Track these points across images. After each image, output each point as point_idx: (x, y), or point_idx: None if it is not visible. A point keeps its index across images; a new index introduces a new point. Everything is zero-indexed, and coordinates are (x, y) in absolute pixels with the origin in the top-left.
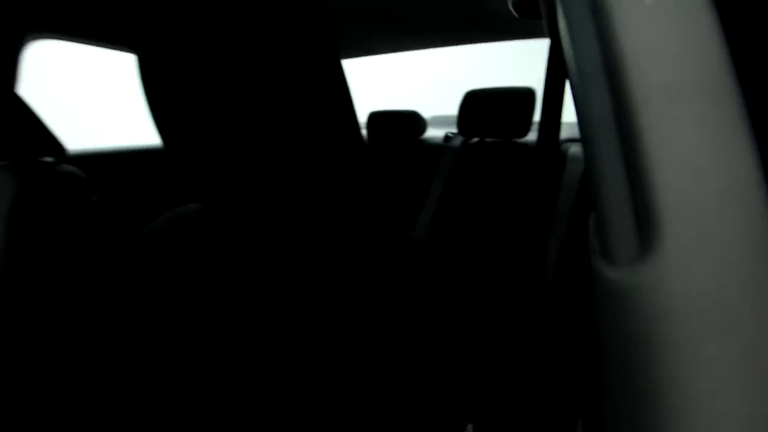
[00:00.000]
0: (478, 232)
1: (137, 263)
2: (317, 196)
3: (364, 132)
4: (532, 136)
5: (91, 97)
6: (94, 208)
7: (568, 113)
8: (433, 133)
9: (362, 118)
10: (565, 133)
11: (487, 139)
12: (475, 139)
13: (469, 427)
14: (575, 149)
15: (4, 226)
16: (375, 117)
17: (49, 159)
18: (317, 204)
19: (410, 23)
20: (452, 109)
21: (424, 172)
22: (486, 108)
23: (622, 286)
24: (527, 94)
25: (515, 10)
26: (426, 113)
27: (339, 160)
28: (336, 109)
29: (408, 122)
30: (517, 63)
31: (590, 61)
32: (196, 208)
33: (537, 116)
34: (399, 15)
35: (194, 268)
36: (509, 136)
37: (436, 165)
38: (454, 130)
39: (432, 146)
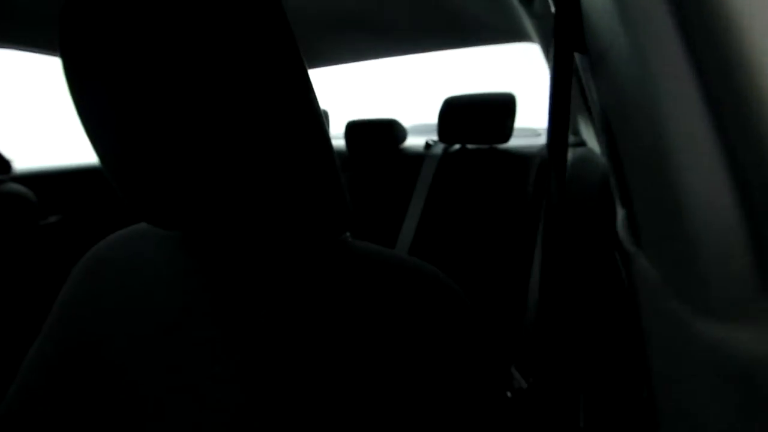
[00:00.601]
0: (463, 241)
1: (76, 289)
2: (281, 213)
3: (342, 142)
4: (512, 141)
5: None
6: (51, 230)
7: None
8: (414, 141)
9: (340, 128)
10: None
11: (469, 146)
12: (457, 146)
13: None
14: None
15: None
16: (353, 127)
17: None
18: (283, 221)
19: (386, 29)
20: (433, 117)
21: (405, 181)
22: (466, 114)
23: (728, 347)
24: (507, 99)
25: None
26: (406, 122)
27: (305, 174)
28: (299, 116)
29: (387, 131)
30: (495, 69)
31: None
32: (146, 227)
33: (518, 122)
34: (374, 21)
35: (139, 292)
36: (491, 142)
37: (417, 174)
38: (435, 137)
39: (413, 155)
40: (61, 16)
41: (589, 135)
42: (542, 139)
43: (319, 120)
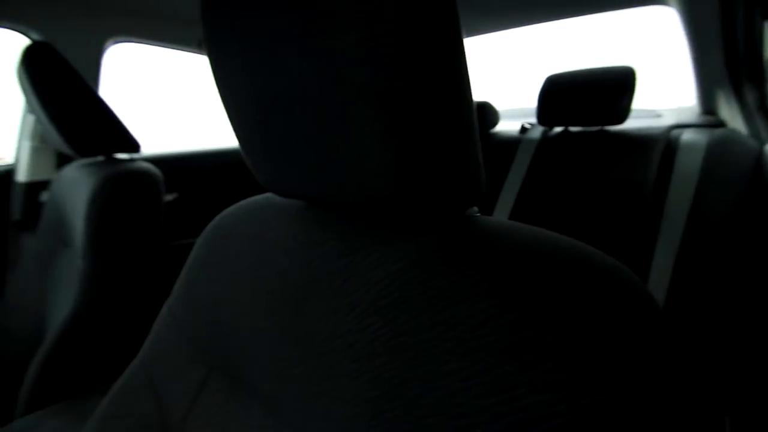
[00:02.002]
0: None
1: (202, 254)
2: (409, 182)
3: None
4: (626, 123)
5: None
6: (171, 206)
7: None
8: (507, 125)
9: None
10: (670, 119)
11: (572, 129)
12: (558, 129)
13: (727, 420)
14: (689, 136)
15: (82, 220)
16: None
17: (125, 156)
18: (410, 191)
19: None
20: (530, 102)
21: (496, 169)
22: (572, 93)
23: None
24: (624, 74)
25: None
26: (500, 107)
27: (443, 139)
28: (444, 77)
29: (477, 114)
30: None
31: None
32: (266, 199)
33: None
34: None
35: (261, 259)
36: (602, 124)
37: (510, 160)
38: (532, 120)
39: (506, 140)
40: (203, 16)
41: (731, 113)
42: (664, 120)
43: (463, 81)
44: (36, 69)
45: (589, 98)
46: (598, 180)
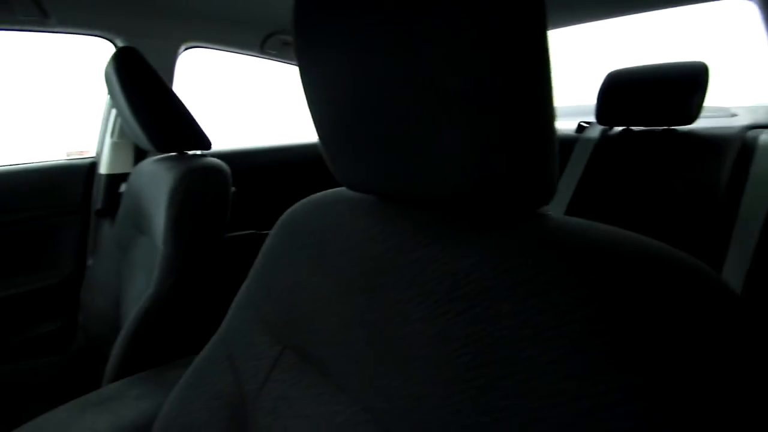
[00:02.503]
0: None
1: (276, 242)
2: (485, 177)
3: None
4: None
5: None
6: (233, 198)
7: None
8: (563, 124)
9: None
10: (746, 118)
11: (634, 128)
12: (619, 129)
13: None
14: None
15: (163, 209)
16: None
17: (197, 152)
18: (484, 186)
19: None
20: (585, 99)
21: None
22: (636, 90)
23: None
24: (696, 70)
25: None
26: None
27: (521, 135)
28: (527, 73)
29: None
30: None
31: None
32: (336, 193)
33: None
34: None
35: (334, 249)
36: (669, 124)
37: (564, 161)
38: (590, 119)
39: (561, 139)
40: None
41: None
42: (739, 120)
43: (549, 86)
44: (125, 71)
45: (655, 96)
46: (663, 182)
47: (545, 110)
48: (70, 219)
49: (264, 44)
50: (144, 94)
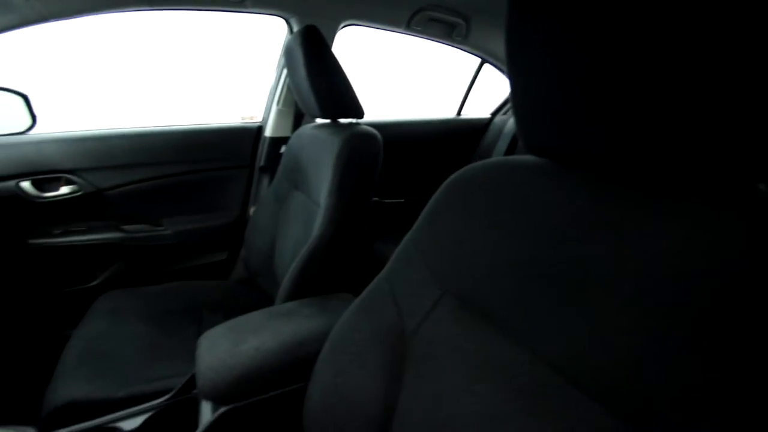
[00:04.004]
0: None
1: (442, 201)
2: (700, 150)
3: None
4: None
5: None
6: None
7: None
8: None
9: None
10: None
11: None
12: None
13: None
14: None
15: (329, 167)
16: None
17: (352, 120)
18: (698, 158)
19: None
20: None
21: None
22: None
23: None
24: None
25: None
26: None
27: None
28: None
29: None
30: None
31: None
32: (506, 160)
33: None
34: None
35: (509, 209)
36: None
37: None
38: None
39: None
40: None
41: None
42: None
43: None
44: (308, 46)
45: None
46: None
47: None
48: (240, 172)
49: (411, 21)
50: (321, 66)
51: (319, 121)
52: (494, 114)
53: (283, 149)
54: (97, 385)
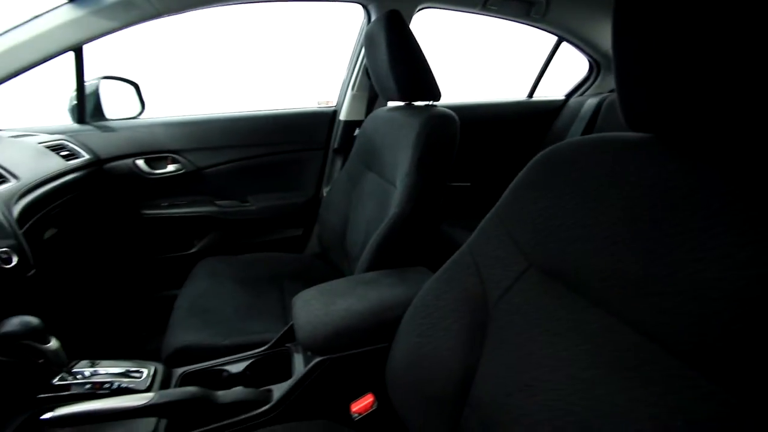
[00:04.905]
0: None
1: (529, 177)
2: None
3: None
4: None
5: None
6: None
7: None
8: None
9: None
10: None
11: None
12: None
13: None
14: None
15: (409, 148)
16: None
17: (430, 102)
18: None
19: None
20: None
21: None
22: None
23: None
24: None
25: None
26: None
27: None
28: None
29: None
30: None
31: None
32: (597, 138)
33: None
34: None
35: (600, 182)
36: None
37: None
38: None
39: None
40: None
41: None
42: None
43: None
44: (392, 30)
45: None
46: None
47: None
48: (315, 154)
49: (487, 1)
50: (403, 49)
51: (392, 104)
52: (569, 95)
53: (356, 132)
54: (206, 333)
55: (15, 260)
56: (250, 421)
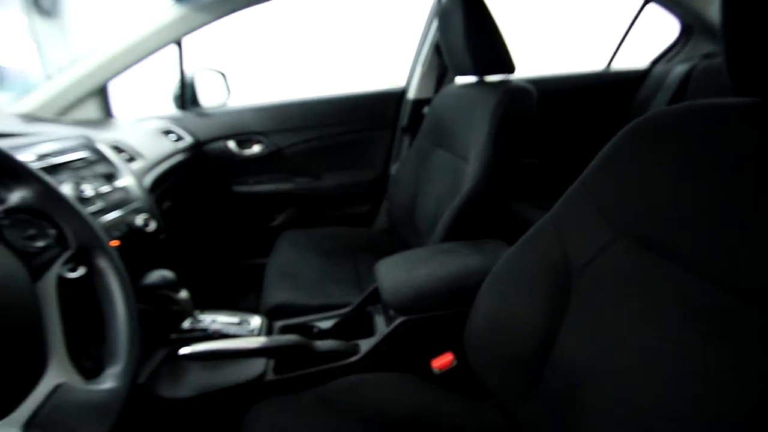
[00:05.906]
0: None
1: (622, 145)
2: None
3: None
4: None
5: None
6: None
7: None
8: None
9: None
10: None
11: None
12: None
13: None
14: None
15: (485, 123)
16: None
17: (502, 77)
18: None
19: None
20: None
21: None
22: None
23: None
24: None
25: None
26: None
27: None
28: None
29: None
30: None
31: None
32: (699, 105)
33: None
34: None
35: (699, 152)
36: None
37: None
38: None
39: None
40: None
41: None
42: None
43: None
44: (466, 3)
45: None
46: None
47: None
48: (383, 133)
49: None
50: (479, 22)
51: (460, 81)
52: (654, 62)
53: (425, 110)
54: (297, 294)
55: (153, 225)
56: (341, 368)
